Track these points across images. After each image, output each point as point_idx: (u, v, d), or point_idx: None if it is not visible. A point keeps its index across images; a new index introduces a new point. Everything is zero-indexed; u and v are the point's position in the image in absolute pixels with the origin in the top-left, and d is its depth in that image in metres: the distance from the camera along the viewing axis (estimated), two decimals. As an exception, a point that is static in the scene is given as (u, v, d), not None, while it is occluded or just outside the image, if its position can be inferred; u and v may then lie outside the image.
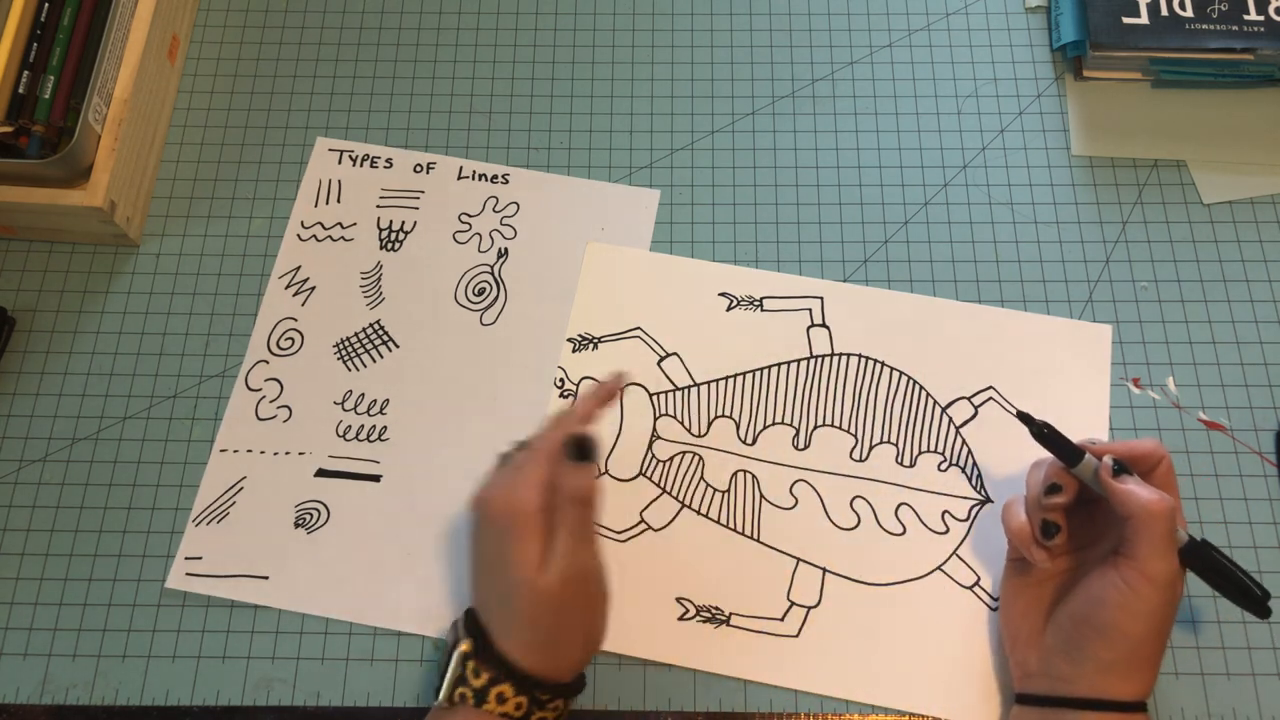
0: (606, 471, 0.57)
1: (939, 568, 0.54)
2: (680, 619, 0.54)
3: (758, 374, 0.59)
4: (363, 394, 0.59)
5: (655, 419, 0.58)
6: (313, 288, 0.62)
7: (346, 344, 0.60)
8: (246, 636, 0.54)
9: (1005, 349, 0.59)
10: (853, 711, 0.52)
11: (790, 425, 0.57)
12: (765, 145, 0.65)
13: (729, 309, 0.60)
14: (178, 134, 0.65)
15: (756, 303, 0.60)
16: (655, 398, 0.58)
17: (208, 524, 0.56)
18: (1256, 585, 0.46)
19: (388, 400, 0.59)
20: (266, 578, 0.55)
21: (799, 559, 0.55)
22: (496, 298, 0.61)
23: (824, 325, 0.59)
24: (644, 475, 0.57)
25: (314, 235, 0.63)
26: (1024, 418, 0.49)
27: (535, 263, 0.62)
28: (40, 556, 0.56)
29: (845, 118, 0.65)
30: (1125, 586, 0.45)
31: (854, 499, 0.56)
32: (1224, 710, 0.52)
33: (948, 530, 0.55)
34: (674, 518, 0.56)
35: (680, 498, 0.56)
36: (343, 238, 0.63)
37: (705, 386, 0.58)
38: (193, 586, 0.55)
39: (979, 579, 0.54)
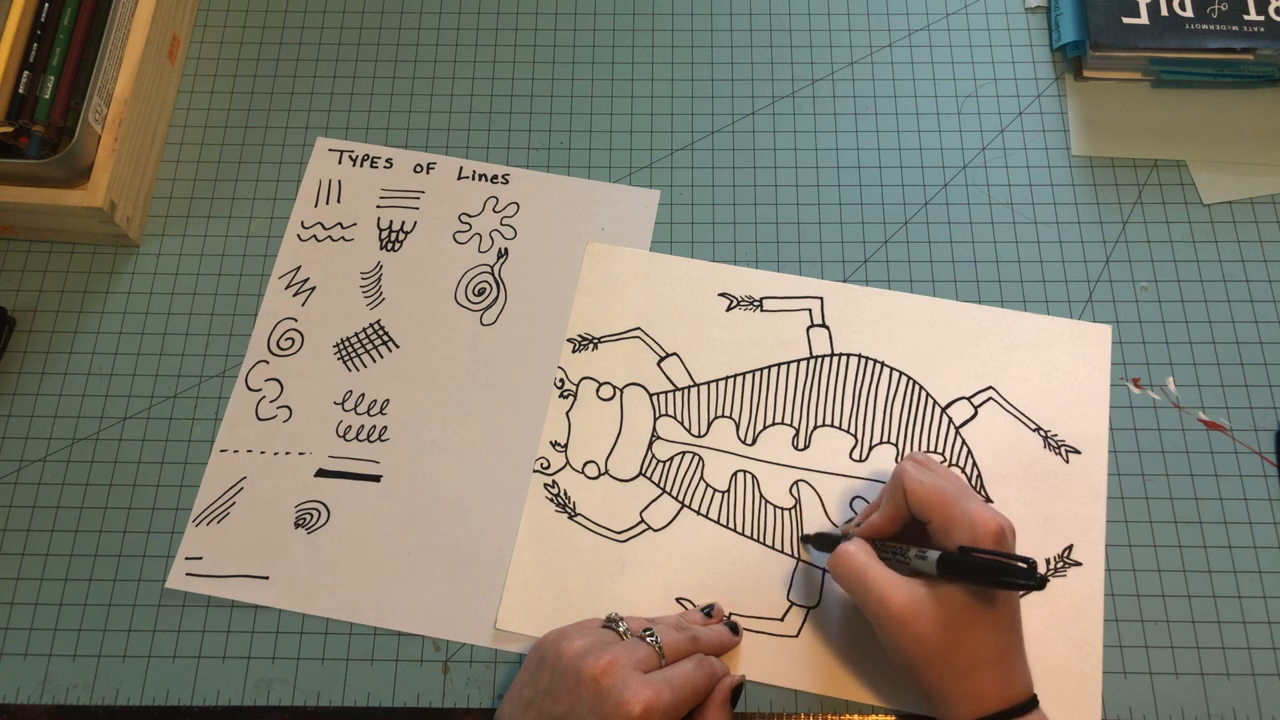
0: (607, 472, 0.57)
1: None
2: (680, 619, 0.54)
3: (758, 374, 0.58)
4: (363, 394, 0.59)
5: (655, 419, 0.58)
6: (313, 288, 0.62)
7: (346, 344, 0.60)
8: (246, 636, 0.54)
9: (1005, 349, 0.59)
10: (853, 711, 0.52)
11: (790, 425, 0.57)
12: (765, 145, 0.65)
13: (729, 309, 0.60)
14: (178, 134, 0.66)
15: (756, 303, 0.60)
16: (655, 398, 0.58)
17: (208, 524, 0.56)
18: (1020, 559, 0.43)
19: (388, 400, 0.59)
20: (266, 578, 0.55)
21: (799, 559, 0.55)
22: (496, 298, 0.61)
23: (824, 325, 0.59)
24: (644, 475, 0.57)
25: (314, 235, 0.63)
26: (805, 539, 0.54)
27: (535, 263, 0.62)
28: (40, 556, 0.56)
29: (845, 118, 0.65)
30: (874, 627, 0.48)
31: (854, 499, 0.56)
32: (1224, 710, 0.52)
33: (948, 530, 0.55)
34: (674, 518, 0.56)
35: (680, 498, 0.56)
36: (343, 238, 0.63)
37: (705, 386, 0.58)
38: (193, 587, 0.55)
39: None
